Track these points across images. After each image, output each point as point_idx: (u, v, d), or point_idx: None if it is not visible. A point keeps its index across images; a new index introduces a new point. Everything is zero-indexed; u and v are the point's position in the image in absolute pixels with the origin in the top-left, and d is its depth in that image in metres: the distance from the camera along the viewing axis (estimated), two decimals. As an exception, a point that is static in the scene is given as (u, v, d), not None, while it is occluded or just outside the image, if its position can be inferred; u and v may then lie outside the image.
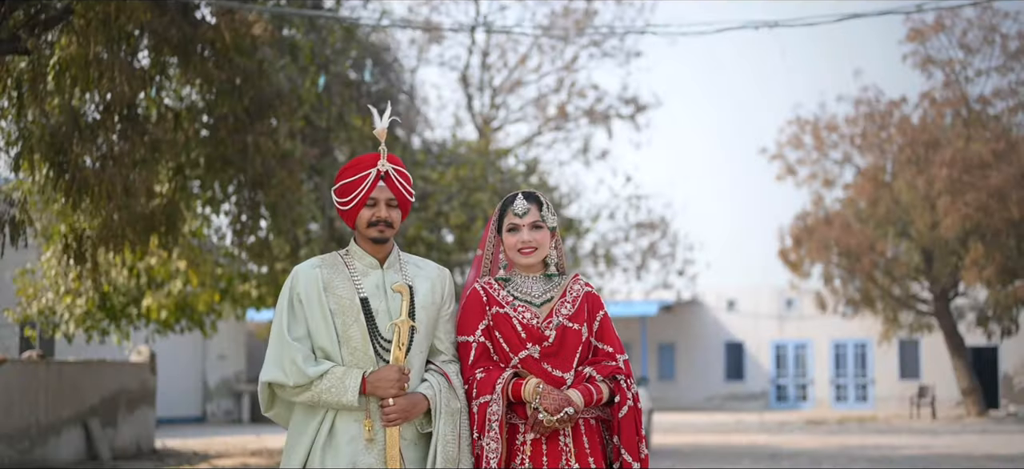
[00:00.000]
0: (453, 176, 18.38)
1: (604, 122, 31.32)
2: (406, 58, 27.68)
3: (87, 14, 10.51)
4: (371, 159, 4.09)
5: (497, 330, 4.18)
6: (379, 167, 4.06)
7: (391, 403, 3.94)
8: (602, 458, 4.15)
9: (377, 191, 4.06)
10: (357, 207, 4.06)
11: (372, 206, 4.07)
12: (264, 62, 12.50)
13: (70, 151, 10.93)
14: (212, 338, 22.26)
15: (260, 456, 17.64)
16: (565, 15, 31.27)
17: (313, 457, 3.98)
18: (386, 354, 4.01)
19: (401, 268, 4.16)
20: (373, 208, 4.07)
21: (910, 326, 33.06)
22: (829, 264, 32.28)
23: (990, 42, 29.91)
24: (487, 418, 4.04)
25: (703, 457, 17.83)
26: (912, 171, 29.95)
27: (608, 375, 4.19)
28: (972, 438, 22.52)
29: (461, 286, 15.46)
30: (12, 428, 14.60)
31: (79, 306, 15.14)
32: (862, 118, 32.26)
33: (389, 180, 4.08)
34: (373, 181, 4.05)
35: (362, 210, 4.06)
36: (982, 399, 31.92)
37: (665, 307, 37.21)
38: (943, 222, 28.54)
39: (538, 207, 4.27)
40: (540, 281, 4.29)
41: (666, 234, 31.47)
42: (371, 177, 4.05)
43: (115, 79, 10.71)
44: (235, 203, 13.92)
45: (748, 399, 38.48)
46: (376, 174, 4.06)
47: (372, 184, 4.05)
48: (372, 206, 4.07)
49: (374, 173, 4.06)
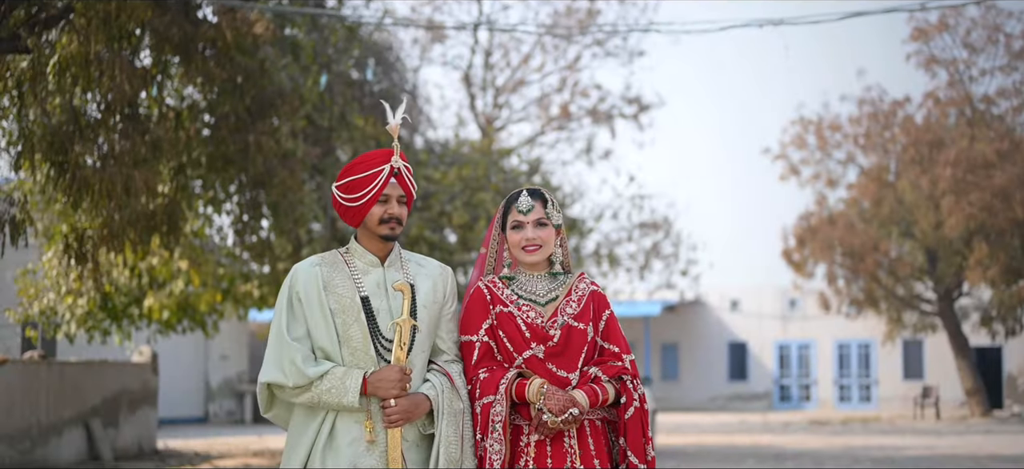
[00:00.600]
0: (456, 176, 18.33)
1: (607, 122, 31.27)
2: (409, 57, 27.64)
3: (88, 13, 10.48)
4: (384, 155, 4.03)
5: (501, 329, 4.11)
6: (392, 163, 4.00)
7: (392, 404, 3.88)
8: (608, 460, 4.08)
9: (389, 188, 4.00)
10: (368, 204, 3.98)
11: (384, 202, 4.00)
12: (266, 61, 12.46)
13: (71, 150, 10.89)
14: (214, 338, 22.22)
15: (262, 457, 17.60)
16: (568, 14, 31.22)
17: (313, 459, 3.91)
18: (387, 354, 3.95)
19: (402, 266, 4.10)
20: (385, 205, 4.00)
21: (914, 326, 33.00)
22: (833, 264, 32.22)
23: (994, 41, 29.83)
24: (490, 419, 3.98)
25: (707, 457, 17.77)
26: (916, 171, 29.89)
27: (614, 375, 4.12)
28: (976, 438, 22.46)
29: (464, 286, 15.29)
30: (13, 428, 14.56)
31: (80, 306, 15.10)
32: (866, 118, 32.20)
33: (400, 177, 4.03)
34: (387, 177, 3.99)
35: (373, 207, 3.99)
36: (986, 399, 31.85)
37: (668, 307, 37.16)
38: (947, 222, 28.48)
39: (543, 204, 4.20)
40: (545, 280, 4.22)
41: (669, 234, 31.42)
42: (385, 173, 3.99)
43: (116, 78, 10.67)
44: (237, 203, 13.89)
45: (751, 399, 38.43)
46: (390, 170, 3.99)
47: (385, 180, 3.98)
48: (384, 202, 4.00)
49: (388, 169, 3.99)
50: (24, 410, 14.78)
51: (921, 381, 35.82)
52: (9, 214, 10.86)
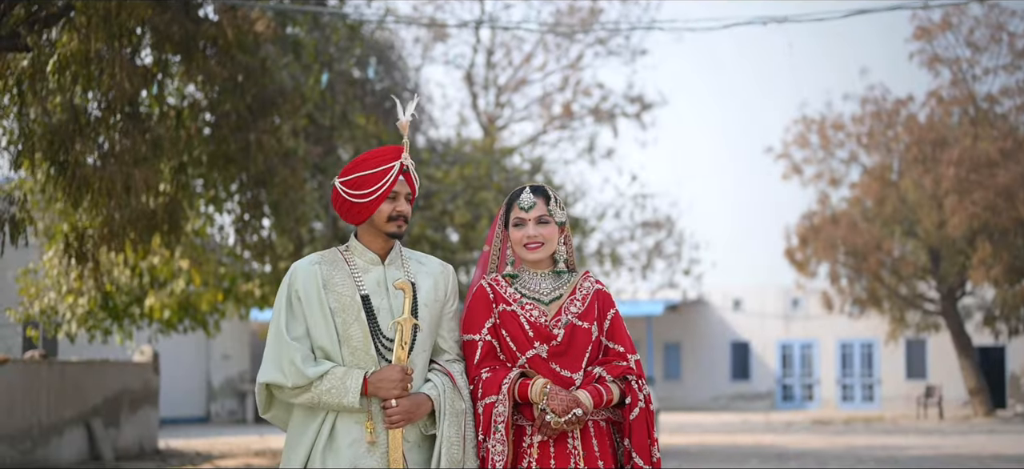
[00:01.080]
0: (458, 175, 18.29)
1: (609, 121, 31.21)
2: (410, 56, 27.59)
3: (88, 11, 10.44)
4: (394, 151, 3.99)
5: (504, 328, 4.06)
6: (403, 160, 3.97)
7: (394, 404, 3.83)
8: (612, 461, 4.02)
9: (397, 184, 3.96)
10: (378, 200, 3.93)
11: (393, 199, 3.96)
12: (267, 59, 12.41)
13: (71, 149, 10.84)
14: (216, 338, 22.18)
15: (264, 457, 17.57)
16: (570, 13, 31.17)
17: (313, 460, 3.86)
18: (388, 353, 3.90)
19: (403, 264, 4.05)
20: (394, 202, 3.97)
21: (917, 326, 32.94)
22: (835, 263, 32.16)
23: (997, 40, 29.77)
24: (493, 419, 3.92)
25: (710, 457, 17.72)
26: (919, 170, 29.84)
27: (619, 375, 4.06)
28: (980, 438, 22.40)
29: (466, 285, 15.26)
30: (14, 428, 14.52)
31: (81, 306, 15.06)
32: (868, 117, 32.14)
33: (407, 174, 4.00)
34: (397, 173, 3.95)
35: (383, 204, 3.95)
36: (989, 399, 31.79)
37: (671, 307, 37.11)
38: (950, 221, 28.42)
39: (545, 201, 4.14)
40: (549, 278, 4.16)
41: (672, 233, 31.38)
42: (395, 170, 3.94)
43: (116, 76, 10.63)
44: (238, 202, 13.85)
45: (754, 399, 38.37)
46: (400, 166, 3.96)
47: (396, 177, 3.94)
48: (393, 199, 3.96)
49: (398, 166, 3.95)
50: (25, 410, 14.75)
51: (924, 381, 35.76)
52: (9, 213, 10.82)
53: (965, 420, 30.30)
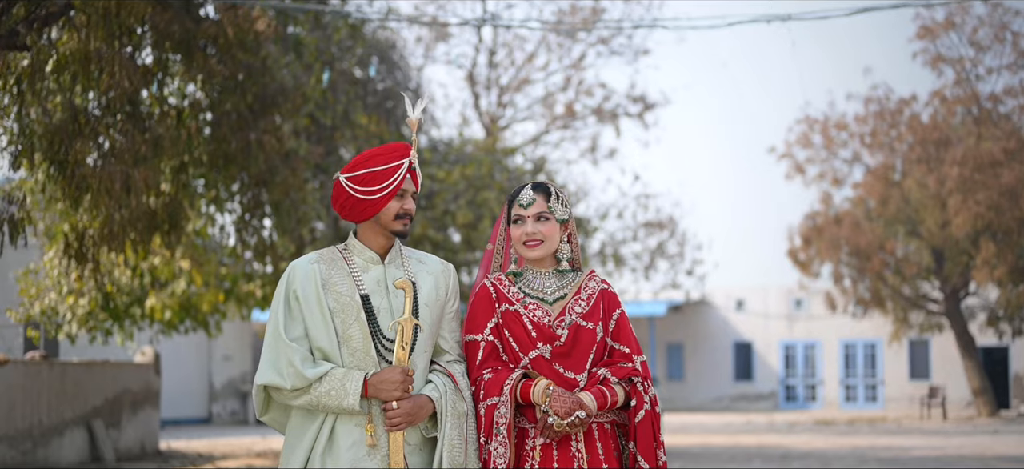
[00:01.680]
0: (460, 175, 18.24)
1: (612, 121, 31.16)
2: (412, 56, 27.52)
3: (88, 10, 10.39)
4: (403, 148, 3.94)
5: (506, 328, 3.99)
6: (411, 158, 3.92)
7: (394, 406, 3.76)
8: (617, 464, 3.95)
9: (406, 183, 3.91)
10: (387, 198, 3.87)
11: (400, 197, 3.91)
12: (268, 58, 12.36)
13: (71, 149, 10.79)
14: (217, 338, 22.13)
15: (265, 458, 17.52)
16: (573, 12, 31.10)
17: (312, 462, 3.80)
18: (389, 354, 3.84)
19: (403, 263, 3.99)
20: (401, 200, 3.91)
21: (920, 326, 32.87)
22: (838, 264, 32.10)
23: (1001, 40, 29.70)
24: (495, 421, 3.85)
25: (713, 458, 17.67)
26: (922, 170, 29.77)
27: (624, 377, 3.98)
28: (983, 439, 22.33)
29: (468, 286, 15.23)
30: (15, 429, 14.48)
31: (82, 306, 15.02)
32: (872, 116, 32.07)
33: (413, 172, 3.95)
34: (406, 171, 3.90)
35: (391, 201, 3.89)
36: (993, 399, 31.72)
37: (673, 307, 37.07)
38: (954, 221, 28.35)
39: (545, 198, 4.07)
40: (553, 277, 4.09)
41: (674, 233, 31.34)
42: (404, 167, 3.89)
43: (116, 75, 10.57)
44: (239, 202, 13.79)
45: (757, 399, 38.32)
46: (409, 164, 3.91)
47: (405, 175, 3.89)
48: (400, 197, 3.91)
49: (407, 163, 3.90)
50: (26, 410, 14.70)
51: (927, 381, 35.70)
52: (9, 213, 10.77)
53: (969, 421, 30.21)
